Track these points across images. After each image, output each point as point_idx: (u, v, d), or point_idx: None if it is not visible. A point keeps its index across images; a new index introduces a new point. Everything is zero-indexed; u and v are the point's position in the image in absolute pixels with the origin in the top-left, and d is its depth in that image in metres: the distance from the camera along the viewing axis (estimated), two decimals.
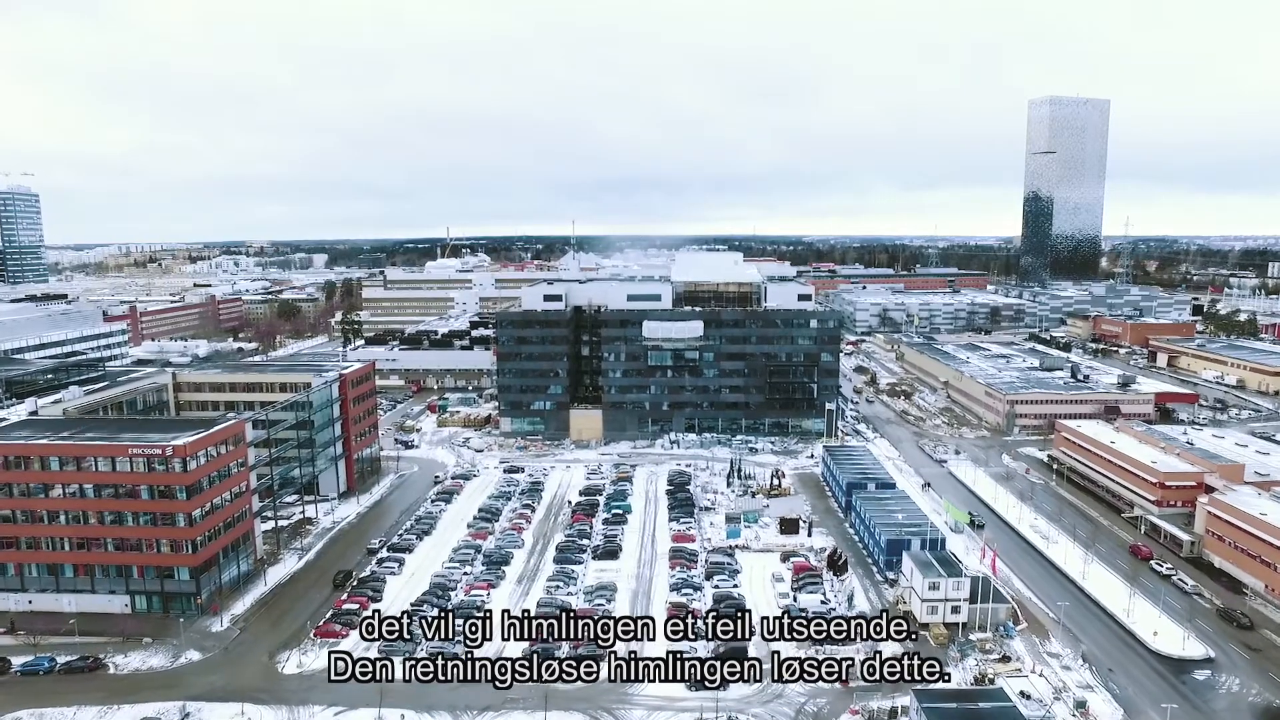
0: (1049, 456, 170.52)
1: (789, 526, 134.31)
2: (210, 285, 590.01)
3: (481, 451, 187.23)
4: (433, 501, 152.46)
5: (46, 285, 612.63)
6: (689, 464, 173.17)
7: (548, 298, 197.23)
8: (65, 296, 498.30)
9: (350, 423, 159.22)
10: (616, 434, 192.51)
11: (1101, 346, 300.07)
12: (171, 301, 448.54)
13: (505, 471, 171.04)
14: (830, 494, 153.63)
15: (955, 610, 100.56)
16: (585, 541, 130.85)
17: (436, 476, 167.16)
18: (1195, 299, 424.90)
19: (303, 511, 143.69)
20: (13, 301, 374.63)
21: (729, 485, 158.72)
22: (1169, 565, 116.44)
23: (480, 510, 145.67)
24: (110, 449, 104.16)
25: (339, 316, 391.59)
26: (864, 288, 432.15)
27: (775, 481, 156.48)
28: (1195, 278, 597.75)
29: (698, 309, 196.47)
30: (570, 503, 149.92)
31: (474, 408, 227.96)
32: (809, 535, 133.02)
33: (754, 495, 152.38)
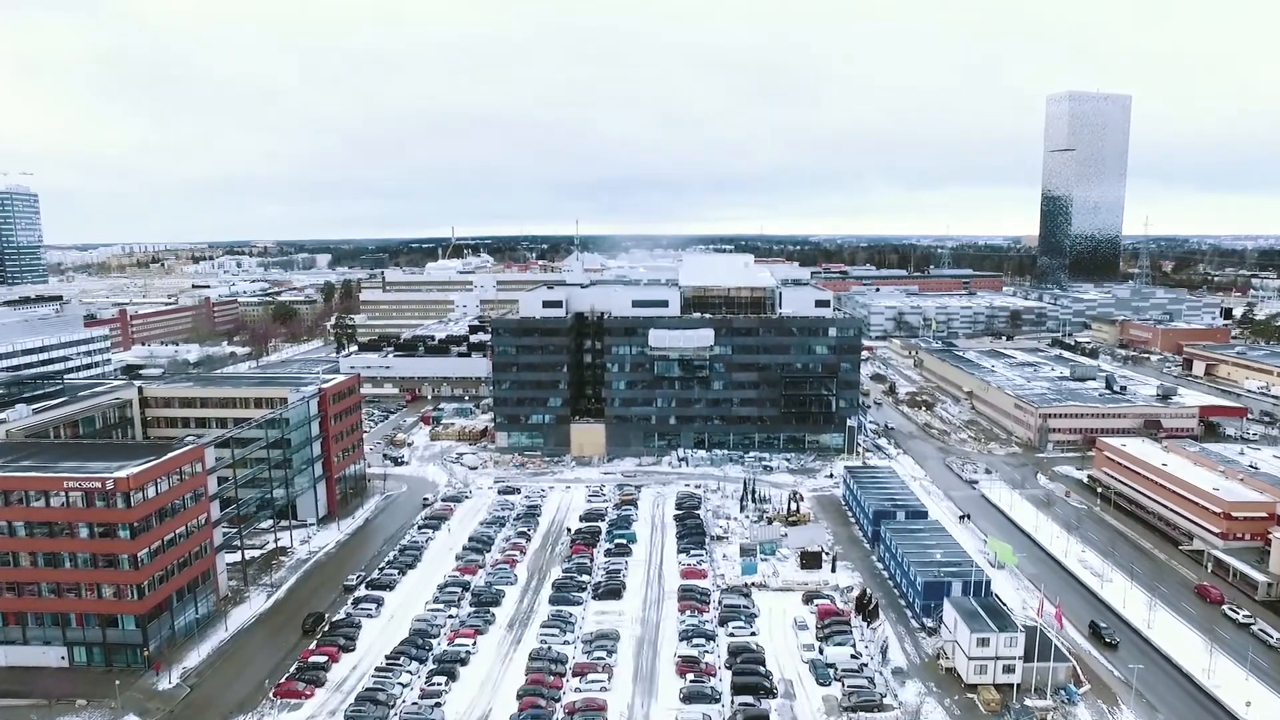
0: (1089, 477, 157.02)
1: (810, 560, 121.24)
2: (209, 286, 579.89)
3: (476, 469, 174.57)
4: (419, 528, 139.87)
5: (45, 286, 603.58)
6: (699, 485, 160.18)
7: (547, 304, 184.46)
8: (60, 298, 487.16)
9: (331, 441, 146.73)
10: (620, 449, 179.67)
11: (1131, 353, 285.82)
12: (166, 304, 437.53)
13: (500, 493, 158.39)
14: (854, 520, 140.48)
15: (1008, 670, 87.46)
16: (585, 578, 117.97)
17: (425, 499, 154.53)
18: (1221, 301, 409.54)
19: (276, 540, 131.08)
20: (2, 304, 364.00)
21: (742, 510, 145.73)
22: (1246, 612, 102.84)
23: (471, 539, 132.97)
24: (43, 482, 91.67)
25: (334, 320, 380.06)
26: (877, 290, 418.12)
27: (793, 506, 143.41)
28: (1216, 279, 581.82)
29: (707, 315, 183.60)
30: (569, 530, 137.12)
31: (470, 419, 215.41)
32: (832, 570, 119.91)
33: (770, 522, 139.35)
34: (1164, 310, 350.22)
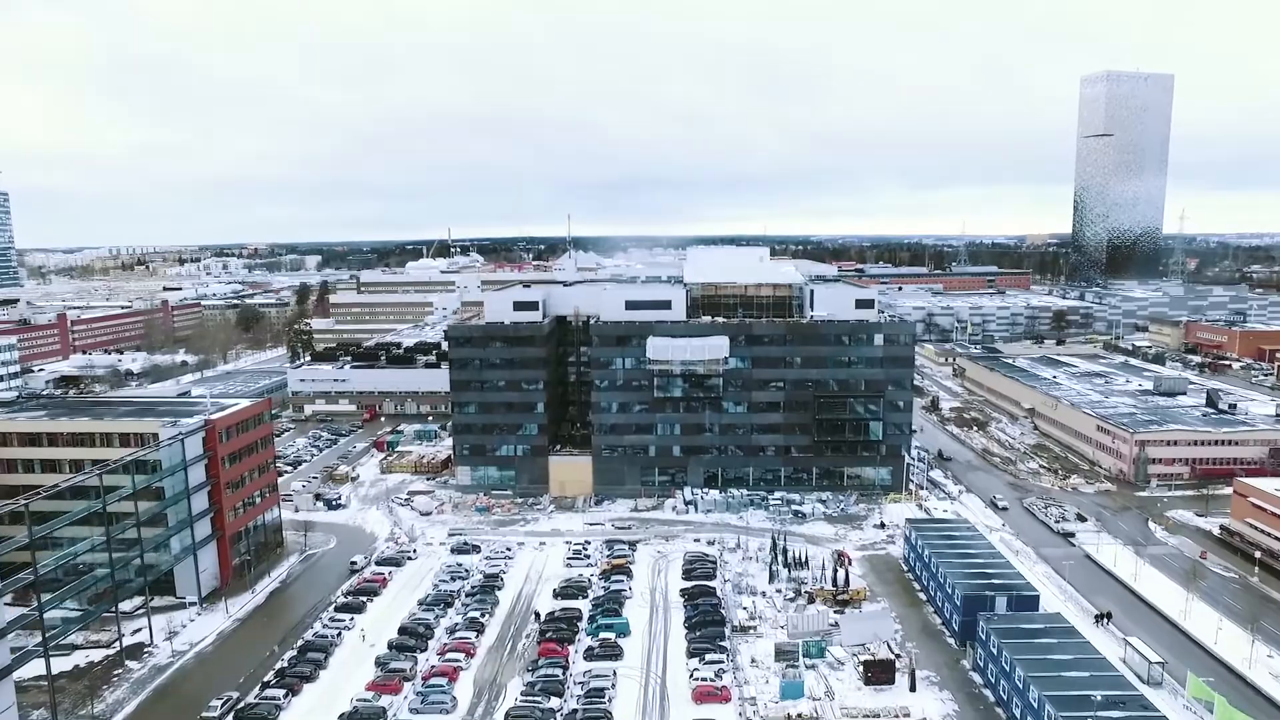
0: (1224, 530, 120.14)
1: (878, 672, 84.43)
2: (180, 289, 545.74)
3: (429, 515, 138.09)
4: (337, 609, 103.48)
5: (18, 289, 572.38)
6: (712, 539, 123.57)
7: (519, 305, 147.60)
8: (15, 302, 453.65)
9: (224, 489, 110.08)
10: (612, 488, 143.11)
11: (1205, 360, 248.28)
12: (122, 308, 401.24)
13: (454, 551, 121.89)
14: (924, 596, 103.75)
15: None
16: (554, 702, 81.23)
17: (354, 562, 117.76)
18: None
19: (120, 640, 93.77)
20: None
21: (772, 579, 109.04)
22: None
23: (402, 630, 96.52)
24: None
25: (288, 325, 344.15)
26: (899, 289, 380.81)
27: (840, 571, 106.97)
28: (1254, 276, 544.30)
29: (720, 320, 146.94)
30: (537, 616, 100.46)
31: (433, 444, 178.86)
32: (911, 688, 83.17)
33: (811, 600, 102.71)
34: (1228, 309, 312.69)
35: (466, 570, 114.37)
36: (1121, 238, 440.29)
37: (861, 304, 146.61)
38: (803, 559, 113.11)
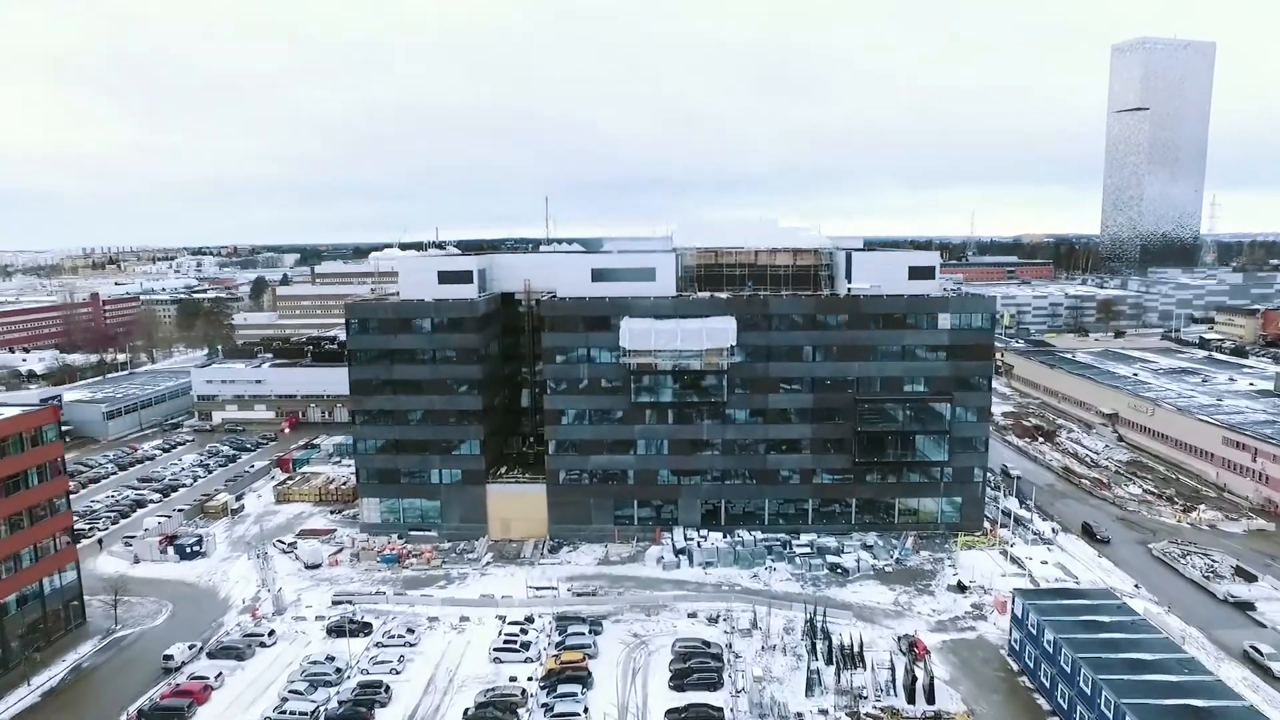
0: None
1: None
2: (130, 283, 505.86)
3: (317, 568, 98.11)
4: None
5: None
6: (716, 614, 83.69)
7: (446, 277, 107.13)
8: None
9: None
10: (573, 529, 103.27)
11: None
12: (48, 303, 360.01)
13: (330, 632, 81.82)
14: None
15: None
16: None
17: (168, 656, 77.26)
18: None
19: None
20: None
21: (811, 689, 69.28)
22: None
23: None
24: None
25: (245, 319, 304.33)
26: None
27: (917, 672, 67.41)
28: None
29: (721, 295, 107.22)
30: None
31: (349, 463, 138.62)
32: None
33: None
34: None
35: (340, 669, 74.26)
36: (1157, 223, 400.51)
37: (918, 273, 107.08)
38: (854, 648, 73.46)
